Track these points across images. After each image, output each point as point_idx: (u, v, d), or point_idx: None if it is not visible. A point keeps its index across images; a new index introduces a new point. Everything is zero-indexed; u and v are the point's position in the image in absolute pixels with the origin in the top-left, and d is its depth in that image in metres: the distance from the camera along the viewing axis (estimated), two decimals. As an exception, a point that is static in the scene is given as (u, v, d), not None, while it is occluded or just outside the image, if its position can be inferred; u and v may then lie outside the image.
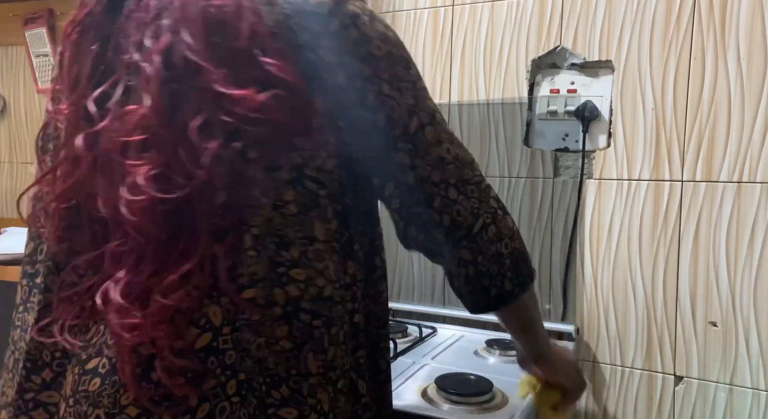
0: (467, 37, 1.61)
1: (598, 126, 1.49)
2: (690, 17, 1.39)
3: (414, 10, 1.67)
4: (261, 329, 0.59)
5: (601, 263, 1.50)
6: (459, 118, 1.63)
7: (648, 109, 1.44)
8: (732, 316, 1.39)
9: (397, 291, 1.74)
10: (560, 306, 1.55)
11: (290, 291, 0.60)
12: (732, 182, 1.37)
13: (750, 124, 1.35)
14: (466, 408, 1.07)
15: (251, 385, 0.58)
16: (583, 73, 1.51)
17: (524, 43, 1.55)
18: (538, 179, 1.55)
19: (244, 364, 0.58)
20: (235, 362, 0.58)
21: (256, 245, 0.59)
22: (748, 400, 1.38)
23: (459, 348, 1.43)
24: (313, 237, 0.62)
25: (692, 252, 1.42)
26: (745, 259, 1.37)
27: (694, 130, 1.40)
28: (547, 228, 1.55)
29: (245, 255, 0.59)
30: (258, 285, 0.59)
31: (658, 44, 1.42)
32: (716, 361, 1.41)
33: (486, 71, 1.59)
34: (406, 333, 1.49)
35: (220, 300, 0.58)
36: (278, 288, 0.60)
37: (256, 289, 0.59)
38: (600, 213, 1.50)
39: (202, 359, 0.57)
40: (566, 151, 1.53)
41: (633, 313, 1.48)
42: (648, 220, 1.45)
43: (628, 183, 1.46)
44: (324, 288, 0.62)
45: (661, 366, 1.46)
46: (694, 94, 1.40)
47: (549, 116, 1.54)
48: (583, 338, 1.53)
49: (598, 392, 1.52)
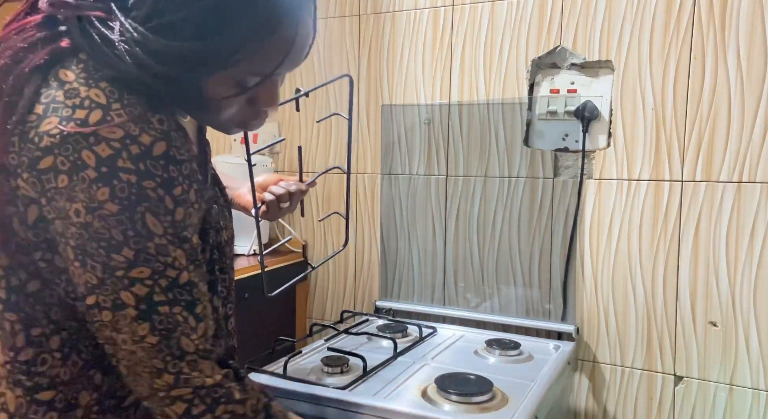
0: (467, 37, 1.61)
1: (598, 126, 1.49)
2: (690, 17, 1.39)
3: (414, 10, 1.67)
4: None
5: (601, 263, 1.50)
6: (459, 118, 1.63)
7: (648, 109, 1.44)
8: (732, 316, 1.39)
9: (397, 291, 1.74)
10: (560, 306, 1.55)
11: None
12: (732, 182, 1.37)
13: (750, 124, 1.35)
14: (466, 408, 1.07)
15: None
16: (583, 73, 1.51)
17: (524, 43, 1.55)
18: (538, 179, 1.55)
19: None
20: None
21: None
22: (748, 400, 1.38)
23: (459, 348, 1.43)
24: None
25: (692, 252, 1.42)
26: (745, 259, 1.37)
27: (694, 130, 1.40)
28: (547, 228, 1.55)
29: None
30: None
31: (658, 44, 1.42)
32: (716, 361, 1.41)
33: (486, 71, 1.60)
34: (406, 333, 1.49)
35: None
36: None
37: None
38: (600, 213, 1.50)
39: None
40: (566, 151, 1.53)
41: (633, 313, 1.48)
42: (648, 220, 1.45)
43: (628, 183, 1.46)
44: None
45: (661, 366, 1.46)
46: (694, 94, 1.40)
47: (549, 116, 1.54)
48: (583, 338, 1.53)
49: (598, 392, 1.52)
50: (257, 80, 0.68)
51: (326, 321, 1.81)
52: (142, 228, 0.61)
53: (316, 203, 1.83)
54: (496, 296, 1.62)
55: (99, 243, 0.60)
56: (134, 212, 0.61)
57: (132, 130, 0.61)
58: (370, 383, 1.18)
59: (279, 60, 0.67)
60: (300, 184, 1.12)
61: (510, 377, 1.22)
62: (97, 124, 0.60)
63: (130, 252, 0.61)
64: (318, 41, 1.80)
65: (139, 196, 0.61)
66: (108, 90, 0.62)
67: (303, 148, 1.82)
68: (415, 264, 1.71)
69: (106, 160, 0.59)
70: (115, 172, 0.60)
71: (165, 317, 0.63)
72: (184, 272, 0.65)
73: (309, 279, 1.85)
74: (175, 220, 0.64)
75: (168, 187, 0.63)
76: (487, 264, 1.62)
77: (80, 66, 0.63)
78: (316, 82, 1.81)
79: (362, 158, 1.76)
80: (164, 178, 0.62)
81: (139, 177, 0.60)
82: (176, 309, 0.64)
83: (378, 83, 1.73)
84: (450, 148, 1.65)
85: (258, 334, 1.61)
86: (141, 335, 0.62)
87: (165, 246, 0.63)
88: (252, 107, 0.72)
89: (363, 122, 1.76)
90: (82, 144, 0.59)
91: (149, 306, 0.63)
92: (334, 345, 1.36)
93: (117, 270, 0.61)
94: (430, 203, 1.68)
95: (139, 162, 0.61)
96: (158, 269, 0.63)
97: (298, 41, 0.67)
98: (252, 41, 0.64)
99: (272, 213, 1.10)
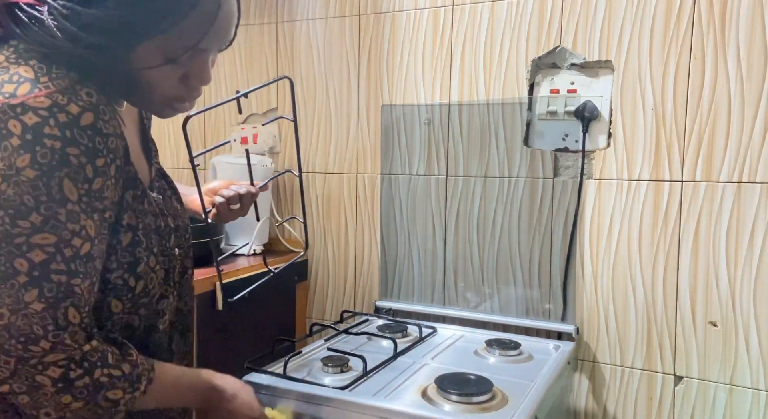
0: (467, 37, 1.61)
1: (598, 126, 1.49)
2: (690, 17, 1.39)
3: (414, 10, 1.67)
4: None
5: (601, 263, 1.50)
6: (459, 118, 1.63)
7: (648, 109, 1.44)
8: (732, 316, 1.39)
9: (397, 291, 1.74)
10: (560, 306, 1.55)
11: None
12: (732, 182, 1.37)
13: (750, 124, 1.35)
14: (466, 408, 1.07)
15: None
16: (583, 73, 1.51)
17: (524, 43, 1.55)
18: (538, 179, 1.55)
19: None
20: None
21: None
22: (748, 400, 1.38)
23: (459, 348, 1.43)
24: None
25: (692, 252, 1.42)
26: (745, 259, 1.37)
27: (694, 130, 1.40)
28: (547, 228, 1.55)
29: None
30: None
31: (658, 44, 1.42)
32: (716, 361, 1.41)
33: (486, 71, 1.60)
34: (406, 333, 1.49)
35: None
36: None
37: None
38: (600, 213, 1.50)
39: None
40: (566, 151, 1.53)
41: (633, 313, 1.48)
42: (648, 220, 1.45)
43: (628, 183, 1.46)
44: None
45: (661, 366, 1.46)
46: (694, 94, 1.40)
47: (549, 116, 1.54)
48: (583, 338, 1.53)
49: (598, 392, 1.52)
50: (186, 55, 0.71)
51: (326, 321, 1.81)
52: (57, 193, 0.62)
53: (317, 205, 1.83)
54: (496, 296, 1.62)
55: (6, 211, 0.61)
56: (52, 177, 0.62)
57: (60, 100, 0.63)
58: (370, 383, 1.18)
59: (203, 32, 0.70)
60: (250, 186, 1.14)
61: (510, 377, 1.22)
62: (25, 96, 0.62)
63: (38, 218, 0.62)
64: (318, 41, 1.80)
65: (61, 162, 0.62)
66: (37, 66, 0.65)
67: (303, 149, 1.82)
68: (415, 264, 1.71)
69: (32, 128, 0.61)
70: (39, 139, 0.61)
71: (57, 286, 0.64)
72: (87, 243, 0.66)
73: (309, 279, 1.85)
74: (92, 189, 0.65)
75: (91, 156, 0.64)
76: (487, 264, 1.62)
77: (10, 50, 0.66)
78: (316, 83, 1.81)
79: (362, 158, 1.76)
80: (89, 148, 0.64)
81: (64, 143, 0.62)
82: (75, 280, 0.65)
83: (378, 83, 1.73)
84: (450, 148, 1.65)
85: (258, 334, 1.61)
86: (26, 302, 0.62)
87: (77, 214, 0.64)
88: (185, 85, 0.75)
89: (363, 122, 1.76)
90: (9, 114, 0.61)
91: (43, 274, 0.63)
92: (334, 345, 1.36)
93: (17, 238, 0.61)
94: (430, 203, 1.68)
95: (66, 129, 0.62)
96: (65, 237, 0.63)
97: (222, 17, 0.71)
98: (175, 8, 0.67)
99: (223, 215, 1.12)
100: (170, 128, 2.05)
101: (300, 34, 1.83)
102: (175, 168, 2.04)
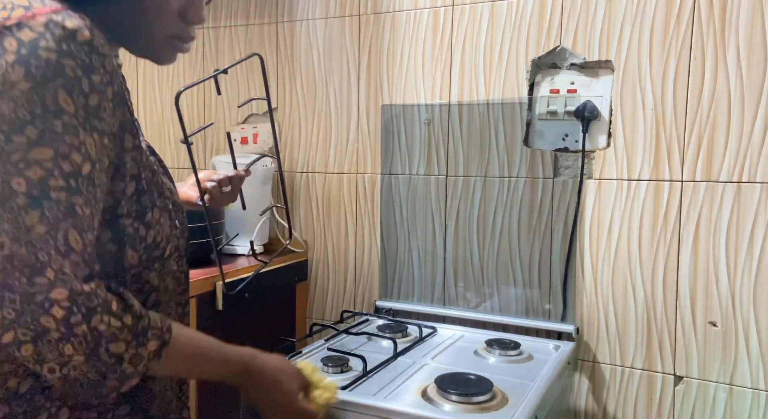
0: (467, 37, 1.61)
1: (597, 126, 1.49)
2: (690, 17, 1.39)
3: (414, 10, 1.67)
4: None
5: (601, 263, 1.50)
6: (459, 118, 1.63)
7: (648, 109, 1.44)
8: (732, 316, 1.39)
9: (397, 291, 1.74)
10: (560, 306, 1.55)
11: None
12: (732, 182, 1.37)
13: (750, 124, 1.35)
14: (466, 408, 1.07)
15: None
16: (583, 73, 1.51)
17: (524, 43, 1.55)
18: (538, 179, 1.55)
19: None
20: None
21: None
22: (748, 400, 1.38)
23: (459, 348, 1.43)
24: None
25: (692, 252, 1.42)
26: (745, 259, 1.37)
27: (694, 130, 1.40)
28: (547, 228, 1.55)
29: None
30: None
31: (658, 44, 1.42)
32: (716, 361, 1.41)
33: (486, 71, 1.60)
34: (406, 333, 1.49)
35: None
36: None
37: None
38: (600, 213, 1.50)
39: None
40: (566, 151, 1.53)
41: (633, 313, 1.48)
42: (648, 220, 1.45)
43: (627, 183, 1.46)
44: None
45: (661, 366, 1.46)
46: (694, 94, 1.40)
47: (549, 116, 1.54)
48: (583, 338, 1.53)
49: (598, 392, 1.52)
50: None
51: (326, 321, 1.81)
52: (52, 104, 0.60)
53: (317, 205, 1.83)
54: (496, 296, 1.62)
55: (1, 127, 0.59)
56: (47, 87, 0.60)
57: (56, 17, 0.62)
58: (370, 383, 1.18)
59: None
60: (238, 170, 1.19)
61: (510, 377, 1.22)
62: (20, 17, 0.61)
63: (34, 131, 0.59)
64: (318, 41, 1.80)
65: (56, 72, 0.60)
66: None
67: (303, 146, 1.83)
68: (415, 264, 1.71)
69: (27, 43, 0.60)
70: (34, 52, 0.60)
71: (57, 204, 0.60)
72: (88, 163, 0.62)
73: (309, 279, 1.85)
74: (88, 104, 0.62)
75: (87, 71, 0.62)
76: (487, 264, 1.62)
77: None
78: (316, 84, 1.81)
79: (362, 158, 1.76)
80: (85, 63, 0.62)
81: (60, 55, 0.60)
82: (76, 199, 0.61)
83: (378, 83, 1.73)
84: (450, 148, 1.65)
85: (258, 334, 1.61)
86: (27, 226, 0.59)
87: (74, 128, 0.61)
88: (183, 21, 0.75)
89: (363, 122, 1.76)
90: (5, 34, 0.60)
91: (43, 192, 0.60)
92: (334, 345, 1.36)
93: (13, 154, 0.59)
94: (430, 203, 1.68)
95: (62, 42, 0.61)
96: (62, 151, 0.60)
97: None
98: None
99: (216, 198, 1.15)
100: (170, 129, 2.05)
101: (300, 34, 1.83)
102: (175, 168, 2.04)
